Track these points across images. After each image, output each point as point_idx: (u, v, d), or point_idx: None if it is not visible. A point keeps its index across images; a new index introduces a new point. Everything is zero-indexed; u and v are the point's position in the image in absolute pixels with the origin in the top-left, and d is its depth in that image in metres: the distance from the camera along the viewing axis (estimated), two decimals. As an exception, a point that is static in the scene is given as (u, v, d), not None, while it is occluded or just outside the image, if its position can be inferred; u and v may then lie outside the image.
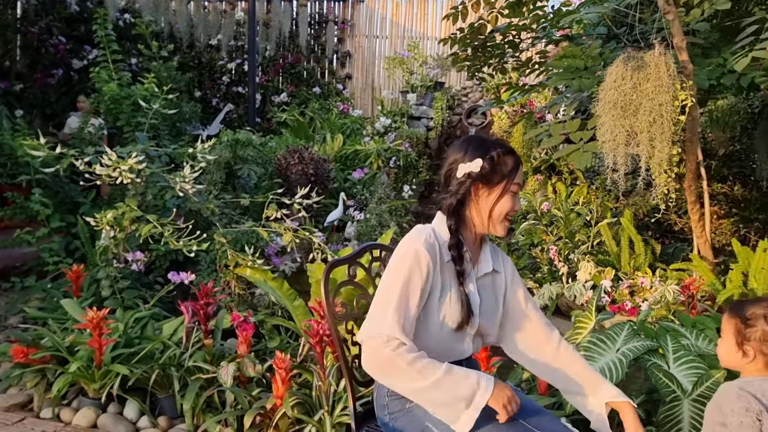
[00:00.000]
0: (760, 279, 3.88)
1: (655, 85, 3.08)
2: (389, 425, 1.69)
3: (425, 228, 1.70)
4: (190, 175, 3.44)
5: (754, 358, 1.64)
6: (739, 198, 6.19)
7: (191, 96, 9.84)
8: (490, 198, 1.69)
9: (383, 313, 1.57)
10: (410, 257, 1.60)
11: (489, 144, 1.72)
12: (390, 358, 1.52)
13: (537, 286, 4.98)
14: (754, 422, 1.56)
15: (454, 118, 8.04)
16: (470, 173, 1.67)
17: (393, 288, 1.59)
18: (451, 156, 1.74)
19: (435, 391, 1.52)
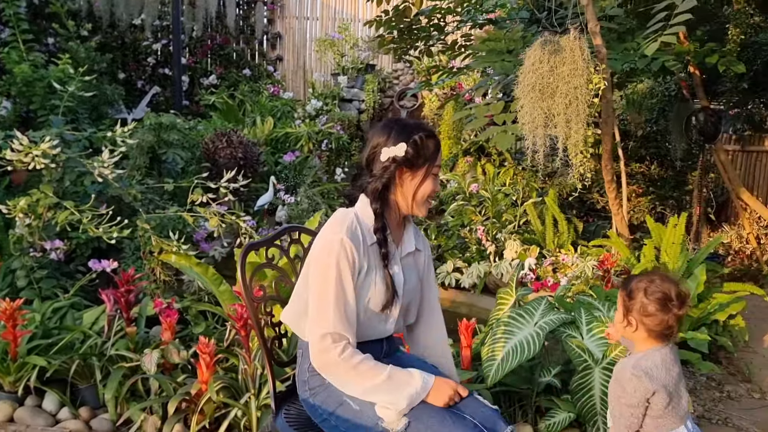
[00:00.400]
0: (671, 253, 4.10)
1: (570, 69, 3.19)
2: (309, 401, 1.72)
3: (347, 214, 1.71)
4: (109, 159, 3.33)
5: (637, 328, 1.74)
6: (656, 177, 6.51)
7: (114, 78, 9.45)
8: (414, 181, 1.73)
9: (324, 311, 1.61)
10: (336, 249, 1.61)
11: (411, 127, 1.74)
12: (336, 363, 1.60)
13: (466, 265, 5.10)
14: (640, 401, 1.67)
15: (385, 100, 8.08)
16: (395, 157, 1.70)
17: (327, 284, 1.61)
18: (374, 140, 1.75)
19: (378, 393, 1.61)
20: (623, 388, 1.70)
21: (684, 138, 5.74)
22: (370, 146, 1.76)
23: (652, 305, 1.71)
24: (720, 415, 3.13)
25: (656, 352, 1.73)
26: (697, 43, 4.87)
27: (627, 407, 1.69)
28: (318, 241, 1.68)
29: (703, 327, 3.61)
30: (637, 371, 1.68)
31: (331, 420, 1.69)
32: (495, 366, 2.62)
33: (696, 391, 3.39)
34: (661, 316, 1.70)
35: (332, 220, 1.70)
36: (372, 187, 1.72)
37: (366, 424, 1.64)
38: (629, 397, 1.68)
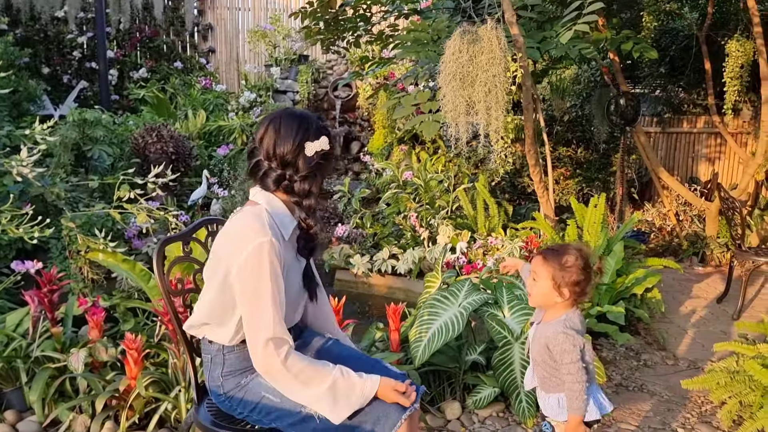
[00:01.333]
0: (593, 232, 4.30)
1: (488, 58, 3.30)
2: (226, 404, 1.74)
3: (259, 213, 1.66)
4: (28, 158, 3.25)
5: (569, 297, 1.88)
6: (582, 160, 6.77)
7: (38, 73, 9.12)
8: (328, 166, 1.79)
9: (263, 316, 1.58)
10: (266, 253, 1.57)
11: (319, 119, 1.78)
12: (279, 371, 1.59)
13: (401, 251, 5.20)
14: (578, 355, 1.80)
15: (320, 91, 8.08)
16: (321, 151, 1.71)
17: (262, 289, 1.57)
18: (290, 134, 1.68)
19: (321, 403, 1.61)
20: (562, 350, 1.80)
21: (606, 122, 5.99)
22: (293, 145, 1.68)
23: (576, 274, 1.84)
24: (636, 382, 3.33)
25: (574, 314, 1.87)
26: (613, 30, 5.08)
27: (572, 364, 1.78)
28: (239, 243, 1.60)
29: (621, 301, 3.81)
30: (568, 330, 1.81)
31: (253, 415, 1.72)
32: (422, 347, 2.71)
33: (615, 361, 3.59)
34: (582, 281, 1.84)
35: (249, 222, 1.62)
36: (302, 187, 1.69)
37: (289, 410, 1.69)
38: (570, 353, 1.79)
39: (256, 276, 1.58)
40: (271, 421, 1.71)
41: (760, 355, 2.73)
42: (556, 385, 1.87)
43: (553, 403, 1.89)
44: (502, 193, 6.60)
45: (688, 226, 6.40)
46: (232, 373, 1.73)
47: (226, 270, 1.63)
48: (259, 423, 1.73)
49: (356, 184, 6.43)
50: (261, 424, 1.73)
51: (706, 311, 4.50)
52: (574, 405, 1.78)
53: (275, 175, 1.70)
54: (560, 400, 1.86)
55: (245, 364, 1.72)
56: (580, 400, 1.78)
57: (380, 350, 2.94)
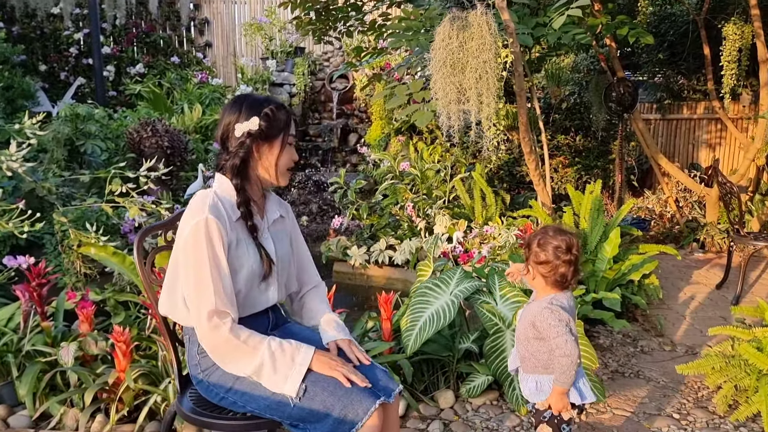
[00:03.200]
0: (589, 219, 4.27)
1: (478, 44, 3.26)
2: (204, 382, 1.73)
3: (205, 194, 1.71)
4: (17, 153, 3.23)
5: (535, 277, 1.87)
6: (581, 148, 6.72)
7: (36, 70, 9.13)
8: (273, 152, 1.77)
9: (204, 291, 1.61)
10: (202, 228, 1.62)
11: (261, 101, 1.78)
12: (226, 340, 1.61)
13: (398, 242, 5.18)
14: (566, 328, 1.78)
15: (316, 83, 8.05)
16: (249, 131, 1.72)
17: (201, 264, 1.61)
18: (225, 117, 1.76)
19: (265, 368, 1.63)
20: (549, 323, 1.78)
21: (604, 109, 5.95)
22: (223, 124, 1.76)
23: (543, 253, 1.83)
24: (633, 368, 3.31)
25: (562, 295, 1.85)
26: (609, 15, 5.03)
27: (560, 336, 1.76)
28: (182, 225, 1.67)
29: (617, 288, 3.78)
30: (552, 305, 1.80)
31: (229, 397, 1.71)
32: (413, 336, 2.69)
33: (612, 348, 3.57)
34: (552, 262, 1.82)
35: (192, 204, 1.69)
36: (230, 163, 1.73)
37: (264, 394, 1.67)
38: (557, 326, 1.77)
39: (193, 253, 1.62)
40: (246, 402, 1.69)
41: (755, 339, 2.70)
42: (535, 366, 1.86)
43: (531, 386, 1.88)
44: (500, 182, 6.57)
45: (688, 212, 6.36)
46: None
47: (176, 249, 1.69)
48: (236, 406, 1.71)
49: (353, 176, 6.41)
50: (237, 408, 1.71)
51: (705, 297, 4.47)
52: (560, 378, 1.78)
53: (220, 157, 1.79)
54: (538, 383, 1.84)
55: None
56: (567, 375, 1.77)
57: (372, 340, 2.92)
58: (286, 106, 1.82)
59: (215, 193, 1.72)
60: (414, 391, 2.83)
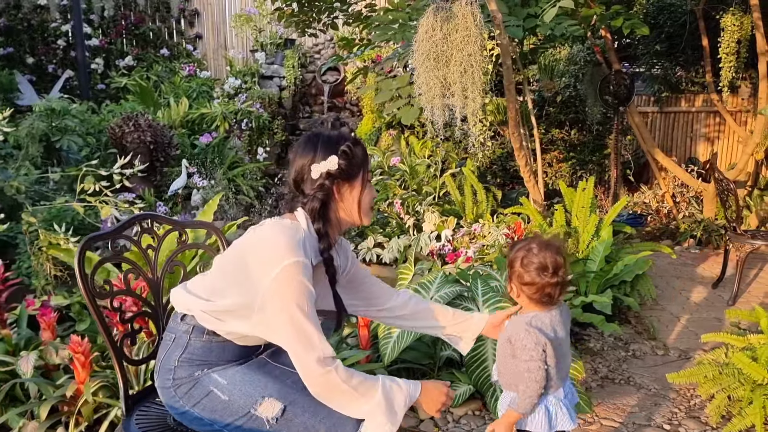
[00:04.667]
0: (581, 217, 4.14)
1: (463, 36, 3.12)
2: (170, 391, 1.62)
3: (297, 229, 1.58)
4: (-19, 150, 3.09)
5: (519, 295, 1.74)
6: (575, 142, 6.57)
7: (23, 63, 8.96)
8: (355, 192, 1.65)
9: (309, 338, 1.49)
10: (297, 273, 1.49)
11: (336, 139, 1.66)
12: (339, 387, 1.50)
13: (387, 240, 5.04)
14: (540, 354, 1.66)
15: (307, 76, 7.89)
16: (328, 172, 1.60)
17: (298, 311, 1.49)
18: (298, 159, 1.64)
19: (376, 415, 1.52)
20: (524, 344, 1.68)
21: (599, 102, 5.80)
22: (296, 167, 1.64)
23: (528, 275, 1.70)
24: (623, 374, 3.18)
25: (545, 315, 1.73)
26: (603, 6, 4.88)
27: (532, 361, 1.67)
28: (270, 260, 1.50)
29: (609, 289, 3.65)
30: (530, 327, 1.68)
31: (194, 412, 1.60)
32: (391, 344, 2.57)
33: (603, 352, 3.44)
34: (537, 284, 1.69)
35: (283, 237, 1.54)
36: (309, 207, 1.60)
37: (235, 413, 1.58)
38: (531, 350, 1.67)
39: (289, 299, 1.48)
40: (212, 421, 1.59)
41: (749, 347, 2.58)
42: (509, 383, 1.74)
43: (505, 402, 1.76)
44: (493, 176, 6.43)
45: (685, 208, 6.22)
46: (190, 360, 1.62)
47: (255, 282, 1.52)
48: (200, 424, 1.60)
49: (343, 171, 6.26)
50: (196, 426, 1.60)
51: (700, 297, 4.34)
52: (520, 403, 1.68)
53: (289, 199, 1.68)
54: (513, 400, 1.72)
55: (207, 357, 1.63)
56: (527, 403, 1.66)
57: (349, 347, 2.79)
58: (361, 141, 1.71)
59: (304, 231, 1.59)
60: (392, 401, 2.70)
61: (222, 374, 1.62)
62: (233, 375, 1.62)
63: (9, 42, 8.94)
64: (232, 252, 1.63)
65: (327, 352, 1.51)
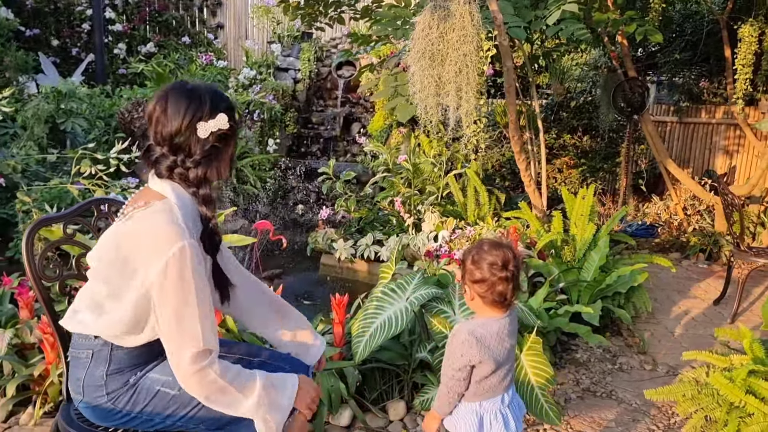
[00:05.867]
0: (580, 225, 4.07)
1: (459, 35, 3.08)
2: (105, 407, 1.54)
3: (170, 209, 1.45)
4: (-23, 129, 3.14)
5: (473, 298, 1.70)
6: (587, 148, 6.47)
7: (48, 45, 9.10)
8: (231, 150, 1.57)
9: (192, 328, 1.41)
10: (188, 258, 1.39)
11: (220, 94, 1.55)
12: (216, 384, 1.45)
13: (386, 237, 5.03)
14: (465, 371, 1.65)
15: (323, 70, 7.88)
16: (218, 132, 1.49)
17: (191, 298, 1.40)
18: (177, 114, 1.46)
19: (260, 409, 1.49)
20: (453, 350, 1.68)
21: (612, 109, 5.69)
22: (174, 122, 1.46)
23: (479, 271, 1.67)
24: (606, 387, 3.11)
25: (495, 323, 1.70)
26: (618, 11, 4.78)
27: (453, 369, 1.67)
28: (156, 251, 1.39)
29: (600, 299, 3.58)
30: (470, 337, 1.65)
31: (143, 416, 1.56)
32: (363, 342, 2.54)
33: (589, 363, 3.37)
34: (488, 280, 1.66)
35: (162, 223, 1.41)
36: (195, 174, 1.48)
37: (189, 403, 1.55)
38: (456, 360, 1.67)
39: (180, 287, 1.39)
40: (166, 416, 1.56)
41: (731, 367, 2.50)
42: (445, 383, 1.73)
43: None
44: (502, 180, 6.36)
45: (696, 221, 6.08)
46: (120, 370, 1.54)
47: (143, 280, 1.42)
48: (145, 424, 1.58)
49: (349, 166, 6.25)
50: (146, 426, 1.58)
51: (699, 313, 4.24)
52: (438, 404, 1.73)
53: (167, 162, 1.49)
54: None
55: (135, 360, 1.56)
56: (443, 403, 1.72)
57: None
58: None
59: (177, 207, 1.46)
60: (363, 401, 2.68)
61: (162, 371, 1.57)
62: None
63: (36, 24, 9.09)
64: (114, 258, 1.47)
65: (208, 345, 1.42)
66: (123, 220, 1.49)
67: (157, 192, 1.49)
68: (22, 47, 7.58)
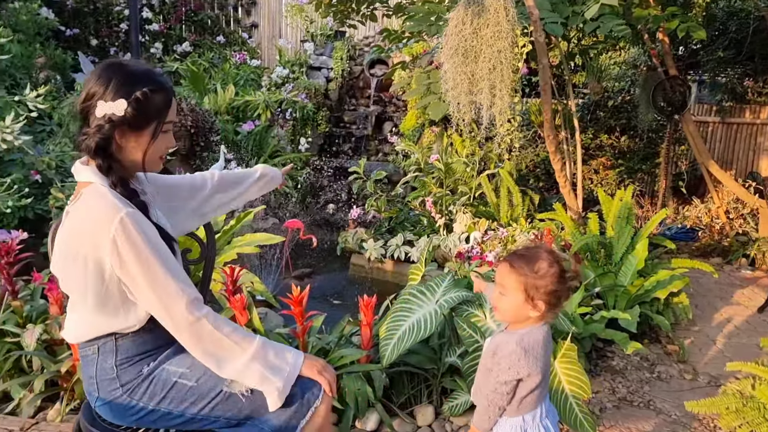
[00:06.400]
0: (617, 227, 3.94)
1: (494, 31, 2.99)
2: (122, 402, 1.51)
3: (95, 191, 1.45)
4: (12, 124, 3.18)
5: (534, 307, 1.60)
6: (625, 149, 6.29)
7: (87, 44, 9.28)
8: (140, 143, 1.50)
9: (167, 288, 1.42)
10: (131, 226, 1.39)
11: (136, 78, 1.47)
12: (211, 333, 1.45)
13: (417, 237, 4.96)
14: (512, 385, 1.56)
15: (356, 68, 7.84)
16: (111, 116, 1.44)
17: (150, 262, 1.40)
18: (89, 86, 1.46)
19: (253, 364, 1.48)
20: (499, 362, 1.57)
21: (651, 108, 5.52)
22: (85, 93, 1.47)
23: (550, 282, 1.56)
24: (644, 397, 2.99)
25: (538, 331, 1.60)
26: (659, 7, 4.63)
27: (496, 383, 1.57)
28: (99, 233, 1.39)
29: (637, 305, 3.45)
30: (518, 348, 1.55)
31: (162, 407, 1.52)
32: (391, 346, 2.48)
33: (625, 371, 3.25)
34: (560, 291, 1.56)
35: (92, 205, 1.42)
36: (87, 143, 1.46)
37: (207, 395, 1.52)
38: (502, 372, 1.56)
39: (137, 255, 1.39)
40: (185, 409, 1.52)
41: (779, 380, 2.36)
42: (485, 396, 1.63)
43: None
44: (536, 180, 6.23)
45: (738, 225, 5.86)
46: (129, 359, 1.52)
47: (97, 264, 1.41)
48: (163, 421, 1.54)
49: (380, 165, 6.20)
50: (165, 423, 1.55)
51: (743, 321, 4.06)
52: (478, 419, 1.62)
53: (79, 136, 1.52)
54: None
55: (143, 348, 1.54)
56: (485, 420, 1.60)
57: (350, 345, 2.71)
58: (167, 86, 1.54)
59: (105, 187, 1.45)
60: (391, 405, 2.62)
61: (179, 362, 1.55)
62: (192, 359, 1.52)
63: (75, 24, 9.27)
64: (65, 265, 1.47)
65: (193, 294, 1.44)
66: (64, 220, 1.50)
67: (83, 181, 1.50)
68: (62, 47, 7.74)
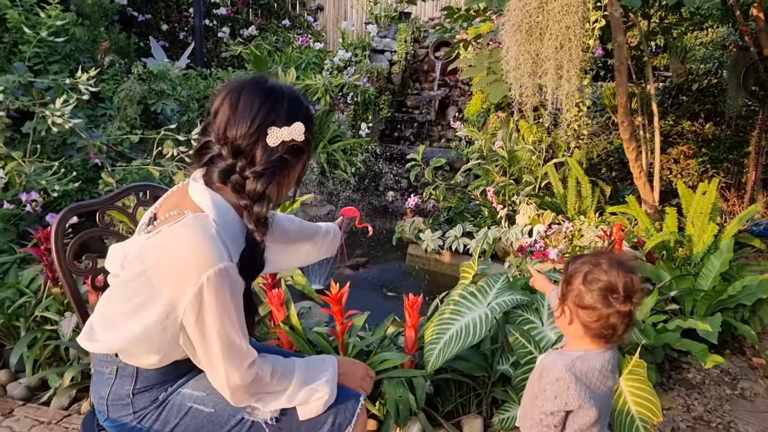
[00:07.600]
0: (698, 224, 3.58)
1: (562, 5, 2.70)
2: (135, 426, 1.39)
3: (207, 227, 1.23)
4: (62, 107, 3.14)
5: (571, 321, 1.37)
6: (709, 137, 5.78)
7: (158, 29, 9.43)
8: (299, 166, 1.35)
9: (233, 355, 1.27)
10: (226, 284, 1.21)
11: (299, 99, 1.32)
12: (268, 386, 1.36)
13: (477, 229, 4.71)
14: (559, 412, 1.32)
15: (420, 51, 7.59)
16: (292, 142, 1.27)
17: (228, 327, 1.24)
18: (247, 113, 1.24)
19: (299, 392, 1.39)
20: (544, 389, 1.34)
21: (741, 92, 5.01)
22: (242, 122, 1.24)
23: (590, 295, 1.31)
24: (723, 417, 2.67)
25: (597, 356, 1.36)
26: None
27: (542, 413, 1.34)
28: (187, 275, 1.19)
29: (719, 312, 3.09)
30: (567, 374, 1.31)
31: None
32: (436, 351, 2.28)
33: (702, 386, 2.92)
34: (600, 310, 1.31)
35: (197, 243, 1.20)
36: (255, 186, 1.26)
37: (225, 423, 1.39)
38: (548, 402, 1.33)
39: (219, 312, 1.22)
40: None
41: None
42: (530, 426, 1.39)
43: None
44: (609, 170, 5.82)
45: (840, 223, 5.27)
46: (147, 388, 1.38)
47: (169, 304, 1.23)
48: None
49: (442, 152, 5.95)
50: None
51: (843, 333, 3.61)
52: None
53: (224, 165, 1.27)
54: None
55: (164, 377, 1.40)
56: None
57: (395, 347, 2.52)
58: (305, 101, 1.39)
59: (215, 224, 1.25)
60: (435, 414, 2.42)
61: (195, 386, 1.41)
62: (209, 383, 1.35)
63: (147, 9, 9.42)
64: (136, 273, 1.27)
65: (252, 356, 1.31)
66: (152, 233, 1.28)
67: (194, 202, 1.28)
68: (134, 32, 7.85)
